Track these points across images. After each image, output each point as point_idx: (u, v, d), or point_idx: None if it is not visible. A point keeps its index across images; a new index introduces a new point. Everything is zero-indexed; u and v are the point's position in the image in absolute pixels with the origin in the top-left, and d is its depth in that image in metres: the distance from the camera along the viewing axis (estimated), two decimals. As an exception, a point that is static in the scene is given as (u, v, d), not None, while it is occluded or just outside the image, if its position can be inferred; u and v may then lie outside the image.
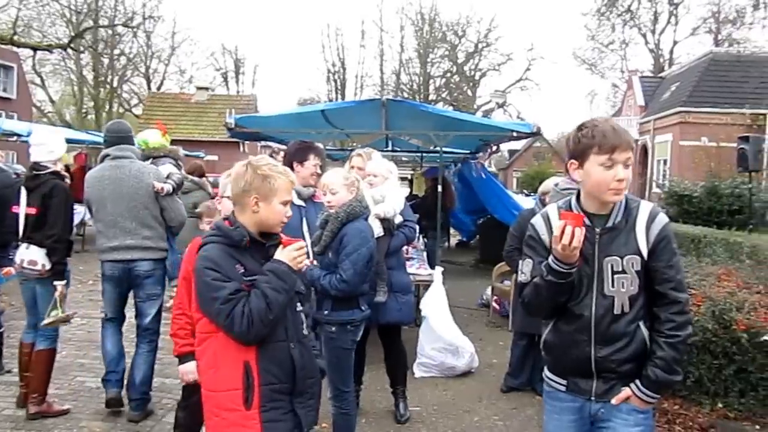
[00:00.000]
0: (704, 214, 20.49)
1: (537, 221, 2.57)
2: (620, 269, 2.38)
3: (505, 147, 53.03)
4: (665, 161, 29.72)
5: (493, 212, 11.42)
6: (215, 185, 6.99)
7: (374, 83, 44.96)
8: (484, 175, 11.17)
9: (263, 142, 12.57)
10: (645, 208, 2.44)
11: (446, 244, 13.25)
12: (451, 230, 15.65)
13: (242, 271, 2.44)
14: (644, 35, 45.63)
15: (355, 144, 12.89)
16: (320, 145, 5.10)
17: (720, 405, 4.88)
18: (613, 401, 2.44)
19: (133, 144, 5.23)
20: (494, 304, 8.74)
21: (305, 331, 2.63)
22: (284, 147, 6.78)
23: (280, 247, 2.55)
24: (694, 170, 25.12)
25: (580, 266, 2.38)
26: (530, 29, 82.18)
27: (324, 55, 46.52)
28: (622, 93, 43.00)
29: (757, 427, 4.69)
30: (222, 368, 2.44)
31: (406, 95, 41.87)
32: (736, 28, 40.92)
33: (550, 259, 2.37)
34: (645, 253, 2.38)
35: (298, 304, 2.63)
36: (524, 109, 52.61)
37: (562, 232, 2.27)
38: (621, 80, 45.58)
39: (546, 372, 2.63)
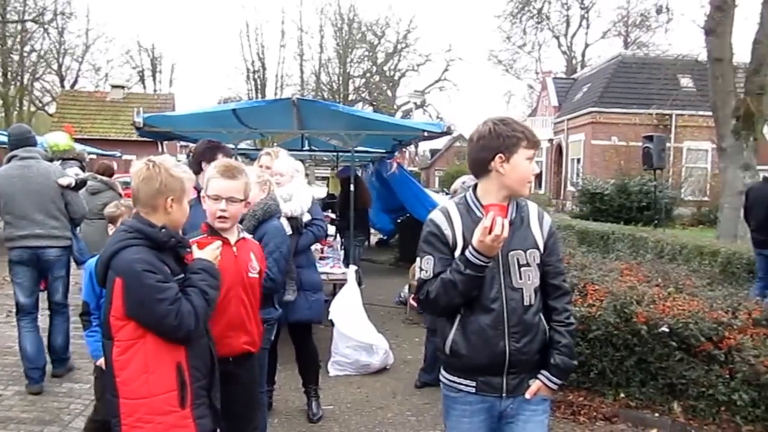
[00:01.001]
0: (615, 211, 21.31)
1: (437, 217, 2.53)
2: (525, 262, 2.45)
3: (428, 147, 53.74)
4: (578, 160, 30.69)
5: (411, 211, 11.48)
6: (127, 185, 6.86)
7: (294, 83, 44.58)
8: (399, 173, 11.21)
9: (181, 142, 12.30)
10: (533, 206, 2.55)
11: (366, 243, 13.25)
12: (372, 229, 15.70)
13: (169, 271, 2.46)
14: (557, 38, 47.08)
15: (274, 143, 12.75)
16: (228, 145, 5.06)
17: (622, 395, 5.03)
18: (528, 395, 2.49)
19: (35, 145, 5.61)
20: (411, 301, 8.79)
21: None
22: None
23: (195, 248, 2.66)
24: (605, 169, 26.10)
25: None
26: (448, 30, 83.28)
27: (243, 54, 45.90)
28: (537, 94, 44.18)
29: (656, 414, 4.85)
30: (155, 372, 2.41)
31: (326, 95, 41.71)
32: (643, 31, 42.66)
33: (468, 252, 2.35)
34: (542, 247, 2.48)
35: None
36: (443, 110, 53.18)
37: (493, 223, 2.27)
38: (536, 81, 46.90)
39: (449, 377, 2.56)
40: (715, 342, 4.73)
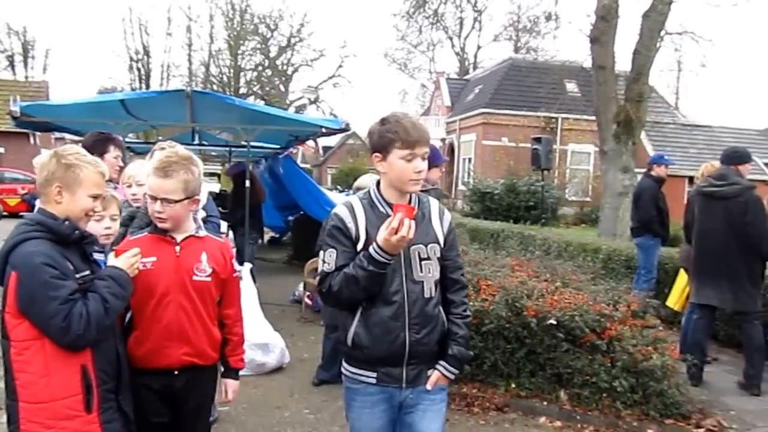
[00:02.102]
0: (504, 210, 21.99)
1: (341, 211, 2.58)
2: (426, 256, 2.52)
3: (319, 144, 53.42)
4: (470, 160, 31.47)
5: (305, 209, 11.42)
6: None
7: (182, 74, 43.23)
8: (293, 170, 11.14)
9: (56, 134, 11.61)
10: (434, 202, 2.63)
11: (260, 240, 13.07)
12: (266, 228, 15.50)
13: (72, 268, 2.32)
14: (451, 39, 48.13)
15: (160, 137, 12.33)
16: (119, 137, 4.84)
17: (513, 385, 5.23)
18: (428, 386, 2.56)
19: None
20: (306, 299, 8.76)
21: None
22: (80, 138, 6.35)
23: (111, 255, 2.55)
24: (495, 168, 26.91)
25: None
26: (343, 26, 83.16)
27: (126, 42, 43.66)
28: (430, 93, 44.95)
29: (545, 403, 5.08)
30: (56, 375, 2.29)
31: (215, 87, 40.68)
32: (532, 37, 44.30)
33: (372, 249, 2.39)
34: (442, 242, 2.56)
35: None
36: (337, 106, 53.17)
37: (400, 224, 2.32)
38: (429, 81, 47.71)
39: (351, 369, 2.60)
40: (598, 333, 5.01)
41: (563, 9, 52.20)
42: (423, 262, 2.51)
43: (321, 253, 2.58)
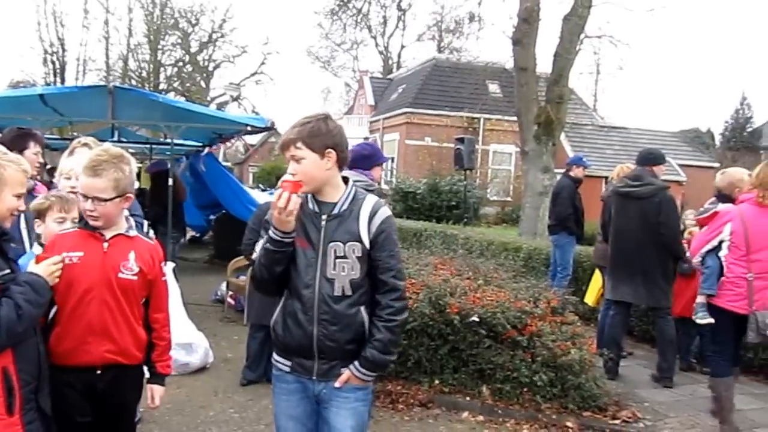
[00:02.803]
0: (426, 209, 22.21)
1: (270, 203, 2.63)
2: (342, 254, 2.51)
3: (241, 142, 52.56)
4: (393, 159, 31.63)
5: (228, 207, 11.23)
6: None
7: (99, 68, 41.64)
8: (215, 168, 10.96)
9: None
10: (370, 200, 2.60)
11: (183, 239, 12.76)
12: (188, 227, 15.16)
13: None
14: (375, 38, 48.26)
15: (75, 133, 11.86)
16: (39, 133, 4.67)
17: (437, 381, 5.29)
18: (336, 384, 2.55)
19: None
20: (229, 299, 8.63)
21: None
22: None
23: (32, 261, 2.50)
24: (418, 168, 27.13)
25: (305, 247, 2.52)
26: (266, 23, 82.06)
27: (40, 34, 41.81)
28: (354, 92, 44.98)
29: (468, 398, 5.16)
30: None
31: (134, 83, 39.44)
32: (456, 37, 44.90)
33: (271, 229, 2.48)
34: (367, 241, 2.53)
35: None
36: (259, 104, 52.50)
37: (279, 197, 2.39)
38: (353, 80, 47.71)
39: (274, 355, 2.68)
40: (519, 329, 5.12)
41: (486, 10, 53.23)
42: (337, 260, 2.51)
43: (257, 245, 2.63)
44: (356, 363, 2.54)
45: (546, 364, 5.02)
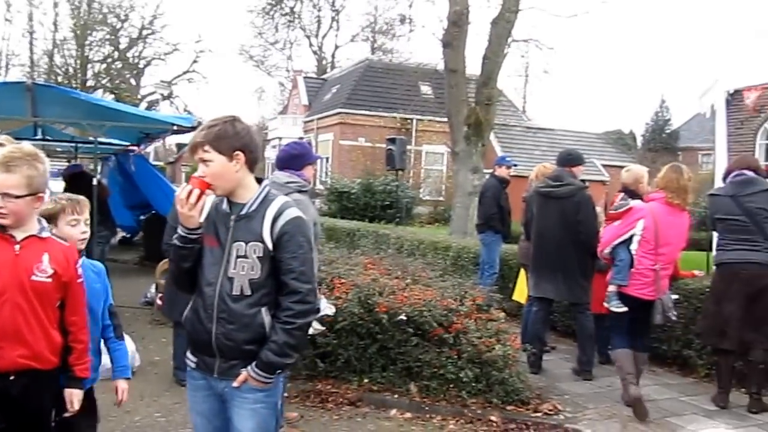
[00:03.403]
0: (361, 209, 22.31)
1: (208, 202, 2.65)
2: (243, 254, 2.53)
3: (174, 141, 51.60)
4: (327, 159, 31.61)
5: (157, 208, 11.03)
6: None
7: (22, 63, 40.15)
8: (145, 168, 10.76)
9: None
10: (278, 202, 2.60)
11: (112, 239, 12.46)
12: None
13: None
14: (309, 38, 48.02)
15: (-6, 132, 11.44)
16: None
17: (366, 380, 5.35)
18: (234, 384, 2.56)
19: None
20: (158, 301, 8.49)
21: None
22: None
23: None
24: (352, 168, 27.19)
25: (214, 246, 2.57)
26: (198, 20, 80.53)
27: (-42, 28, 40.04)
28: (288, 91, 44.66)
29: (396, 396, 5.24)
30: None
31: (60, 79, 38.05)
32: (388, 39, 45.10)
33: (179, 226, 2.54)
34: (269, 242, 2.54)
35: None
36: (192, 102, 51.40)
37: (182, 190, 2.46)
38: (287, 79, 47.34)
39: (187, 351, 2.73)
40: (446, 327, 5.24)
41: (417, 13, 53.66)
42: (239, 260, 2.53)
43: None
44: (253, 364, 2.54)
45: (471, 360, 5.14)
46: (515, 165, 9.29)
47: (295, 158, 4.40)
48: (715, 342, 5.42)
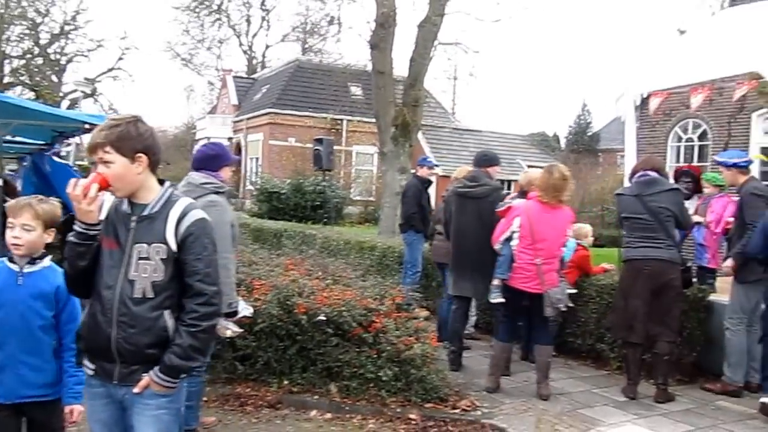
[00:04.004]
0: (291, 210, 22.14)
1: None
2: (145, 255, 2.48)
3: (79, 140, 49.85)
4: (257, 159, 31.33)
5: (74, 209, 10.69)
6: None
7: (-67, 56, 38.31)
8: (61, 168, 10.40)
9: None
10: (182, 203, 2.57)
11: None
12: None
13: None
14: (239, 36, 47.43)
15: None
16: None
17: (286, 382, 5.33)
18: (135, 390, 2.50)
19: None
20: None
21: None
22: None
23: None
24: (282, 168, 27.00)
25: (113, 248, 2.51)
26: (124, 16, 78.37)
27: None
28: (218, 91, 44.01)
29: (316, 397, 5.24)
30: None
31: (-26, 74, 36.58)
32: (318, 39, 44.92)
33: (76, 222, 2.46)
34: (173, 244, 2.50)
35: None
36: (118, 101, 49.82)
37: (76, 184, 2.40)
38: (216, 78, 46.63)
39: (84, 359, 2.63)
40: (365, 326, 5.26)
41: (347, 14, 53.58)
42: (140, 262, 2.48)
43: None
44: (156, 368, 2.49)
45: (391, 359, 5.18)
46: (437, 165, 9.41)
47: (211, 159, 4.37)
48: (624, 335, 5.64)
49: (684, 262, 5.81)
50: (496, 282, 5.63)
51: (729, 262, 5.74)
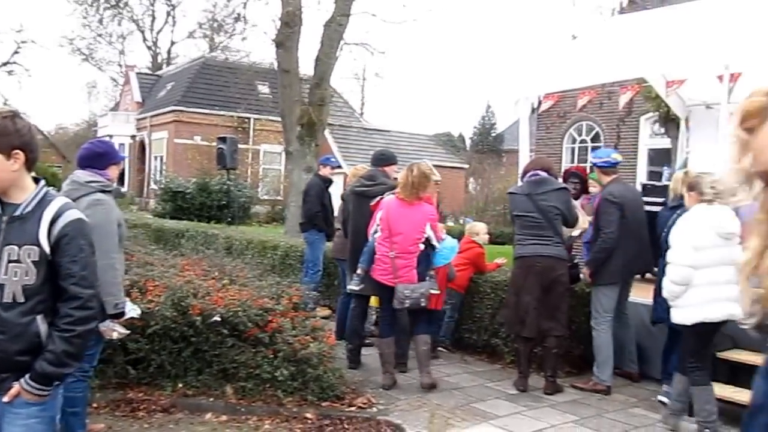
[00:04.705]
0: (197, 209, 21.73)
1: None
2: (16, 258, 2.39)
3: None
4: (162, 158, 30.55)
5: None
6: None
7: None
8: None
9: None
10: (57, 203, 2.49)
11: None
12: None
13: None
14: (142, 32, 46.03)
15: None
16: None
17: (180, 385, 5.21)
18: (5, 399, 2.40)
19: None
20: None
21: None
22: None
23: None
24: (187, 167, 26.44)
25: None
26: (19, 9, 74.53)
27: None
28: (120, 87, 42.60)
29: (211, 399, 5.16)
30: None
31: None
32: (226, 36, 44.10)
33: None
34: (46, 246, 2.42)
35: None
36: (13, 96, 47.38)
37: None
38: (119, 74, 45.13)
39: None
40: (261, 326, 5.23)
41: (253, 12, 52.63)
42: (10, 265, 2.39)
43: None
44: (27, 376, 2.39)
45: (287, 359, 5.16)
46: (339, 166, 9.44)
47: (98, 157, 4.24)
48: (516, 330, 5.83)
49: (571, 258, 6.06)
50: (359, 271, 5.88)
51: (585, 270, 5.94)
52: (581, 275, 6.03)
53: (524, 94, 7.98)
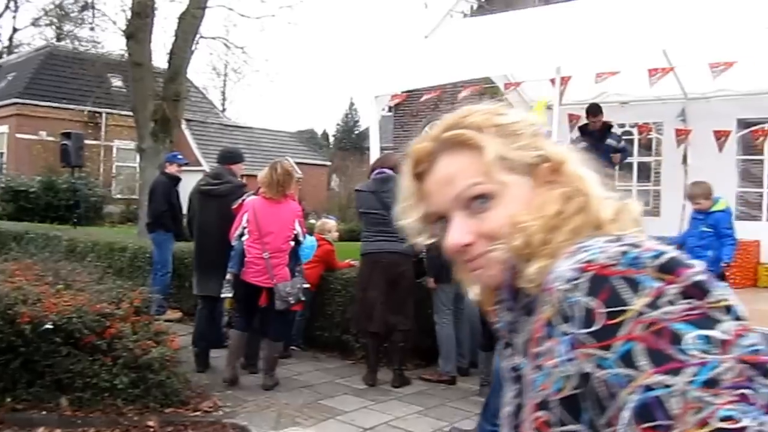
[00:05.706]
0: (42, 210, 20.45)
1: None
2: None
3: None
4: (2, 155, 28.46)
5: None
6: None
7: None
8: None
9: None
10: None
11: None
12: None
13: None
14: (-21, 18, 42.56)
15: None
16: None
17: (9, 399, 4.87)
18: None
19: None
20: None
21: None
22: None
23: None
24: (32, 165, 24.73)
25: None
26: None
27: None
28: (-46, 78, 39.20)
29: (44, 412, 4.86)
30: None
31: None
32: (75, 25, 41.64)
33: None
34: None
35: None
36: None
37: None
38: (-46, 64, 41.52)
39: None
40: (99, 333, 4.97)
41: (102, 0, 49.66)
42: None
43: None
44: None
45: (127, 365, 4.95)
46: (187, 163, 9.18)
47: None
48: (364, 325, 5.92)
49: (417, 254, 6.21)
50: (228, 276, 5.76)
51: (428, 279, 6.10)
52: (425, 284, 6.16)
53: (375, 93, 8.09)
